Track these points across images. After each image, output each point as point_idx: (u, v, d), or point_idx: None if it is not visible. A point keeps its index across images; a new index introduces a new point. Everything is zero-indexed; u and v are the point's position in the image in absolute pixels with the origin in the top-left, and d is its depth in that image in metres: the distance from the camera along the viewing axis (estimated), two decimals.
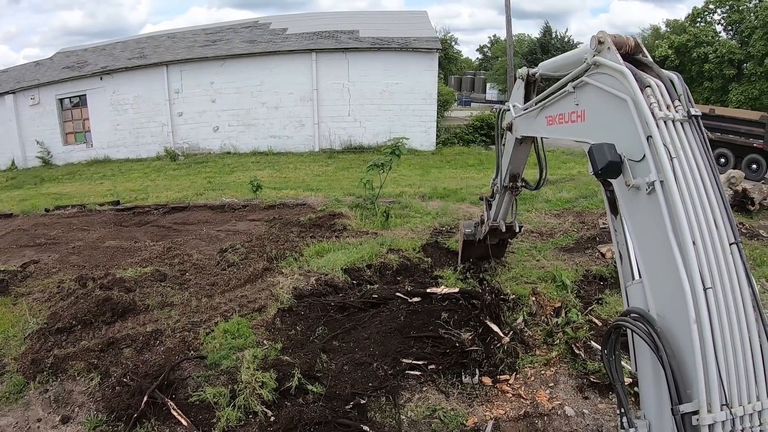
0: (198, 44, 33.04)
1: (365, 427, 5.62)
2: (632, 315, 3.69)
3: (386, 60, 29.97)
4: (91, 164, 30.02)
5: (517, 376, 6.65)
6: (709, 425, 3.08)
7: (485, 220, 8.46)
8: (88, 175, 26.62)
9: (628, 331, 3.77)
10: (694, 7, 54.85)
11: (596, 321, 7.58)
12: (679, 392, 3.21)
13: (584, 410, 6.03)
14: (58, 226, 13.60)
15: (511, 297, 8.02)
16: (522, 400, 6.24)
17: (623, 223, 4.09)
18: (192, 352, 6.92)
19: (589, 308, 7.97)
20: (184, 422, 5.69)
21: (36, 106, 31.70)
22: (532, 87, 6.70)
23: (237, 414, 5.70)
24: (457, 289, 8.14)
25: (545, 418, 5.92)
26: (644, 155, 3.59)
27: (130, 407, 5.83)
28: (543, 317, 7.75)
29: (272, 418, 5.73)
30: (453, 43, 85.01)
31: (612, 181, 3.96)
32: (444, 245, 10.86)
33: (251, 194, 16.34)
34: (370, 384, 6.31)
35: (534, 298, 8.11)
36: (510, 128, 6.87)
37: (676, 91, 3.76)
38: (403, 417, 5.90)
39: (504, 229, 8.18)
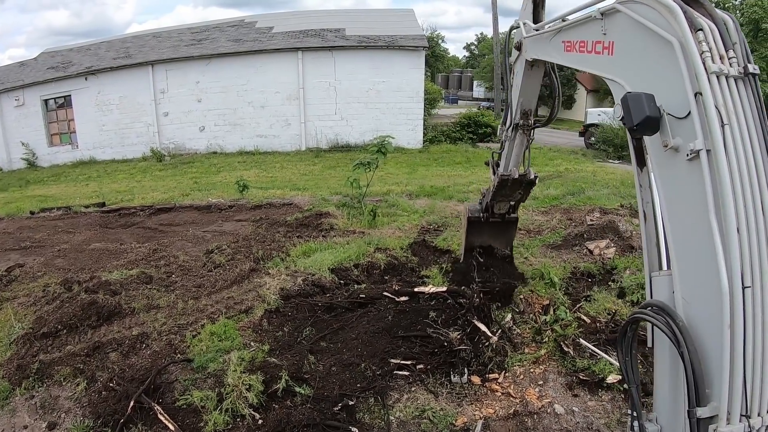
0: (183, 43, 32.94)
1: (354, 429, 5.59)
2: (653, 308, 3.35)
3: (373, 58, 30.01)
4: (76, 165, 29.89)
5: (506, 374, 6.62)
6: None
7: (492, 181, 7.63)
8: (73, 176, 26.48)
9: (648, 326, 3.44)
10: None
11: (585, 318, 7.56)
12: (698, 393, 2.95)
13: (574, 408, 6.01)
14: (44, 228, 13.50)
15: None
16: (511, 398, 6.22)
17: (651, 179, 3.61)
18: (178, 355, 6.86)
19: (578, 305, 7.95)
20: (171, 427, 5.64)
21: (21, 107, 31.59)
22: (541, 3, 6.07)
23: (224, 417, 5.65)
24: (444, 288, 8.10)
25: (535, 416, 5.90)
26: (689, 113, 3.05)
27: (117, 412, 5.78)
28: (531, 315, 7.75)
29: (260, 421, 5.68)
30: (440, 41, 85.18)
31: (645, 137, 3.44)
32: (431, 243, 10.84)
33: (238, 194, 16.27)
34: (358, 385, 6.26)
35: (522, 296, 8.10)
36: (519, 47, 6.13)
37: (731, 38, 3.16)
38: (392, 418, 5.86)
39: (516, 177, 7.13)
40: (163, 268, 9.77)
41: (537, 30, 5.52)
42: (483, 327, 7.06)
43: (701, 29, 3.09)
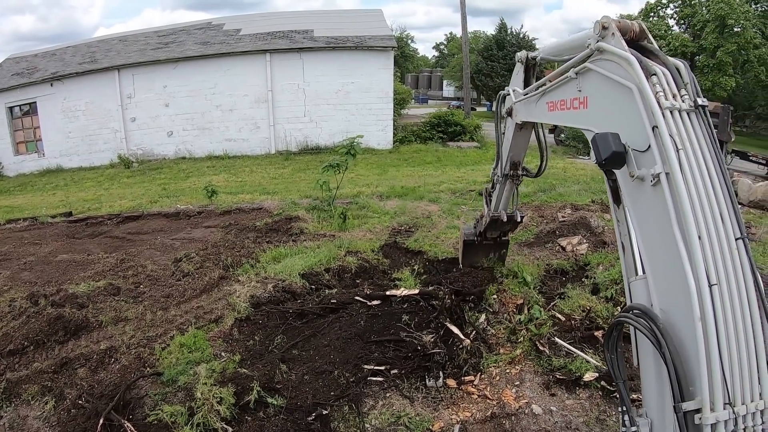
0: (150, 47, 32.56)
1: None
2: (634, 311, 3.64)
3: (341, 59, 29.94)
4: (43, 174, 29.39)
5: (482, 376, 6.62)
6: (711, 424, 3.07)
7: (485, 213, 8.31)
8: (40, 185, 26.01)
9: (631, 328, 3.72)
10: (647, 2, 56.04)
11: (559, 316, 7.60)
12: (682, 390, 3.18)
13: (552, 407, 6.03)
14: (9, 240, 13.19)
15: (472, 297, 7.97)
16: (488, 400, 6.22)
17: (626, 214, 4.00)
18: (148, 368, 6.74)
19: (552, 303, 7.99)
20: None
21: None
22: (531, 71, 6.54)
23: None
24: (417, 291, 8.08)
25: (513, 418, 5.90)
26: (649, 146, 3.51)
27: (87, 430, 5.65)
28: (506, 315, 7.76)
29: None
30: (409, 41, 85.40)
31: (615, 171, 3.88)
32: (403, 245, 10.83)
33: (206, 200, 16.11)
34: (332, 393, 6.21)
35: (496, 296, 8.10)
36: (510, 113, 6.72)
37: (682, 79, 3.69)
38: (368, 426, 5.82)
39: (505, 219, 7.96)
40: (131, 278, 9.60)
41: (525, 95, 6.08)
42: (456, 330, 7.08)
43: (655, 74, 3.64)
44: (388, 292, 8.13)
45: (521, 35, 64.65)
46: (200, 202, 16.34)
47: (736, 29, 48.69)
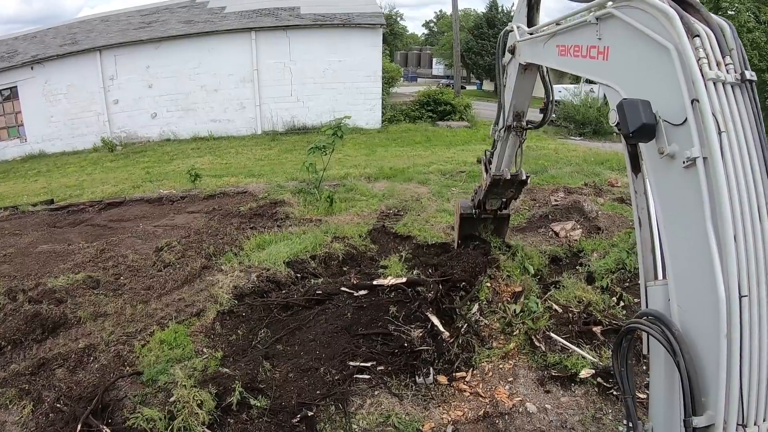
0: (132, 27, 32.03)
1: None
2: (648, 317, 3.34)
3: (329, 37, 29.55)
4: (25, 160, 28.94)
5: (474, 372, 6.39)
6: None
7: (484, 178, 7.60)
8: (22, 172, 25.56)
9: (644, 335, 3.44)
10: None
11: (556, 307, 7.33)
12: (694, 403, 2.93)
13: (546, 405, 5.83)
14: None
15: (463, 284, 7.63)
16: (480, 398, 5.98)
17: (646, 186, 3.58)
18: (127, 368, 6.51)
19: (548, 294, 7.72)
20: None
21: None
22: (534, 7, 6.07)
23: None
24: (404, 279, 7.83)
25: (506, 417, 5.68)
26: (685, 120, 3.03)
27: None
28: (500, 304, 7.45)
29: None
30: (398, 19, 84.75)
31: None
32: (391, 230, 10.60)
33: (190, 184, 15.78)
34: (317, 392, 5.97)
35: (490, 284, 7.78)
36: (513, 51, 6.11)
37: (727, 44, 3.14)
38: (355, 427, 5.60)
39: (508, 177, 7.20)
40: (111, 269, 9.31)
41: (531, 34, 5.55)
42: (437, 322, 6.80)
43: (698, 35, 3.07)
44: (375, 282, 7.89)
45: (512, 13, 64.31)
46: (184, 186, 16.02)
47: (729, 12, 48.47)
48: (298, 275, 8.62)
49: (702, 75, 2.96)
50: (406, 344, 6.47)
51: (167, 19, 32.53)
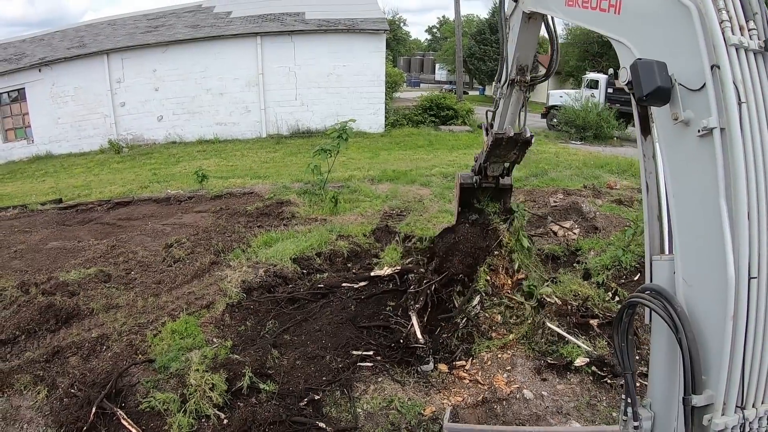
0: (139, 31, 32.27)
1: (321, 424, 5.51)
2: (651, 292, 3.16)
3: (333, 42, 29.78)
4: (32, 161, 29.14)
5: (474, 361, 6.59)
6: (720, 430, 2.79)
7: (485, 141, 6.95)
8: (29, 172, 25.80)
9: (645, 310, 3.26)
10: None
11: (556, 300, 7.34)
12: (694, 381, 2.84)
13: (543, 392, 6.02)
14: None
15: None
16: (479, 385, 6.19)
17: (655, 149, 3.35)
18: (140, 356, 6.72)
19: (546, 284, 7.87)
20: (134, 431, 5.51)
21: None
22: None
23: (188, 419, 5.52)
24: (398, 268, 7.99)
25: (504, 402, 5.88)
26: (703, 85, 2.77)
27: (79, 419, 5.61)
28: (503, 298, 7.32)
29: (225, 421, 5.58)
30: (401, 24, 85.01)
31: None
32: (394, 229, 10.80)
33: (197, 185, 16.05)
34: (323, 378, 6.21)
35: (489, 278, 7.56)
36: None
37: (751, 8, 2.86)
38: (359, 410, 5.80)
39: (512, 134, 6.52)
40: (121, 265, 9.58)
41: None
42: (417, 328, 6.78)
43: None
44: (372, 273, 8.07)
45: None
46: (191, 187, 16.30)
47: None
48: (304, 271, 8.86)
49: (724, 40, 2.73)
50: (402, 340, 6.68)
51: (174, 24, 32.81)
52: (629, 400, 3.32)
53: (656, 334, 3.23)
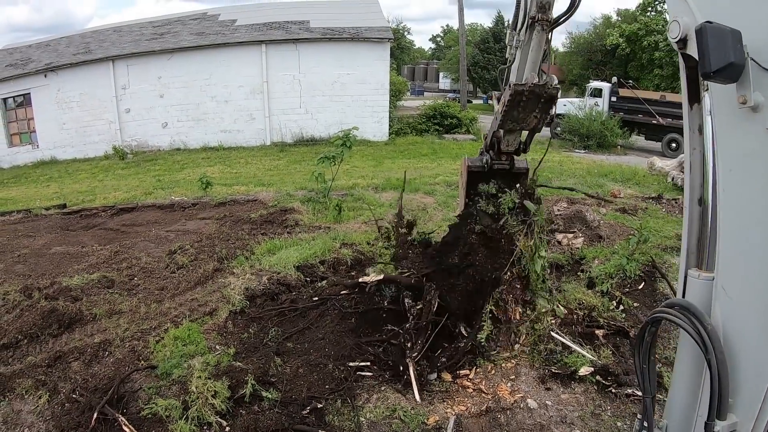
0: (145, 38, 32.42)
1: None
2: (677, 307, 2.87)
3: (337, 50, 29.92)
4: (37, 166, 29.27)
5: (478, 370, 6.55)
6: None
7: (500, 104, 5.89)
8: (34, 177, 25.91)
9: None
10: None
11: (561, 308, 7.20)
12: (720, 406, 2.58)
13: (547, 402, 5.98)
14: (3, 233, 13.12)
15: None
16: (483, 394, 6.14)
17: (704, 121, 2.88)
18: (142, 362, 6.70)
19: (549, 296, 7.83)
20: None
21: None
22: None
23: (190, 426, 5.49)
24: (381, 276, 7.40)
25: (508, 412, 5.84)
26: None
27: (81, 425, 5.59)
28: (511, 326, 6.85)
29: (227, 429, 5.55)
30: (405, 33, 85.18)
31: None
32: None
33: (201, 192, 16.07)
34: (326, 386, 6.16)
35: (495, 309, 6.86)
36: None
37: None
38: (362, 419, 5.76)
39: (537, 81, 5.48)
40: (125, 270, 9.57)
41: None
42: (416, 390, 6.17)
43: None
44: (360, 279, 7.76)
45: None
46: (195, 193, 16.31)
47: None
48: (308, 279, 8.84)
49: None
50: (404, 358, 6.52)
51: (179, 31, 32.96)
52: (645, 423, 3.12)
53: (681, 353, 2.99)
